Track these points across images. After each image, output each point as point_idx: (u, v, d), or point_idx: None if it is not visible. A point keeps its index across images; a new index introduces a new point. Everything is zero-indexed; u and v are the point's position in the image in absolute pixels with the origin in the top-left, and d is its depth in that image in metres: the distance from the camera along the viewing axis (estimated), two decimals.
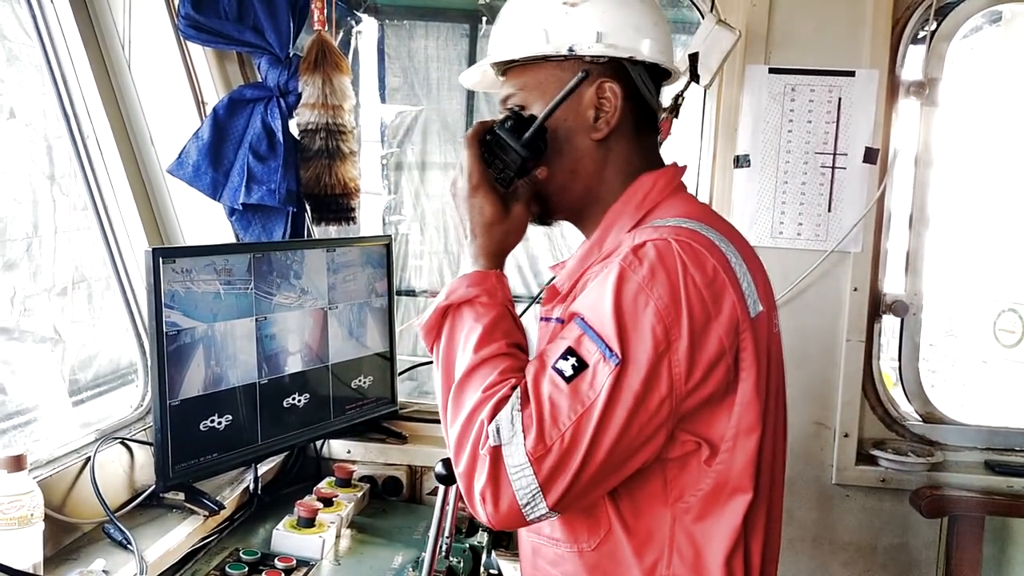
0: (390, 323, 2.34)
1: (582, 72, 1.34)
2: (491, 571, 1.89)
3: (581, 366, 1.19)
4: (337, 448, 2.28)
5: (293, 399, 2.07)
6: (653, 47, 1.39)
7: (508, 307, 1.31)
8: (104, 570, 1.54)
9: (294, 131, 2.25)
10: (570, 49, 1.37)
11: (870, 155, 2.30)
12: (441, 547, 1.65)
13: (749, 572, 1.30)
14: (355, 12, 5.26)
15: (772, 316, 1.38)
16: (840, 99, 2.29)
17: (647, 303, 1.19)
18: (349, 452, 2.28)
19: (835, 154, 2.31)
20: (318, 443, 2.26)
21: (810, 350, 2.33)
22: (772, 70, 2.31)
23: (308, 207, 2.30)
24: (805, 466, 2.38)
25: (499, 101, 1.46)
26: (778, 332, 1.41)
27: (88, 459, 1.76)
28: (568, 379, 1.19)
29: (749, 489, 1.27)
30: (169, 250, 1.90)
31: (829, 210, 2.32)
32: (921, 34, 2.36)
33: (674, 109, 2.06)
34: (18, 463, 1.43)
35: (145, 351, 2.12)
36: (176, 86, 2.22)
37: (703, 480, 1.27)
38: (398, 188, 6.20)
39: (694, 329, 1.19)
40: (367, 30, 5.56)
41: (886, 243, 2.40)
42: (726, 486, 1.27)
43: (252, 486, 2.02)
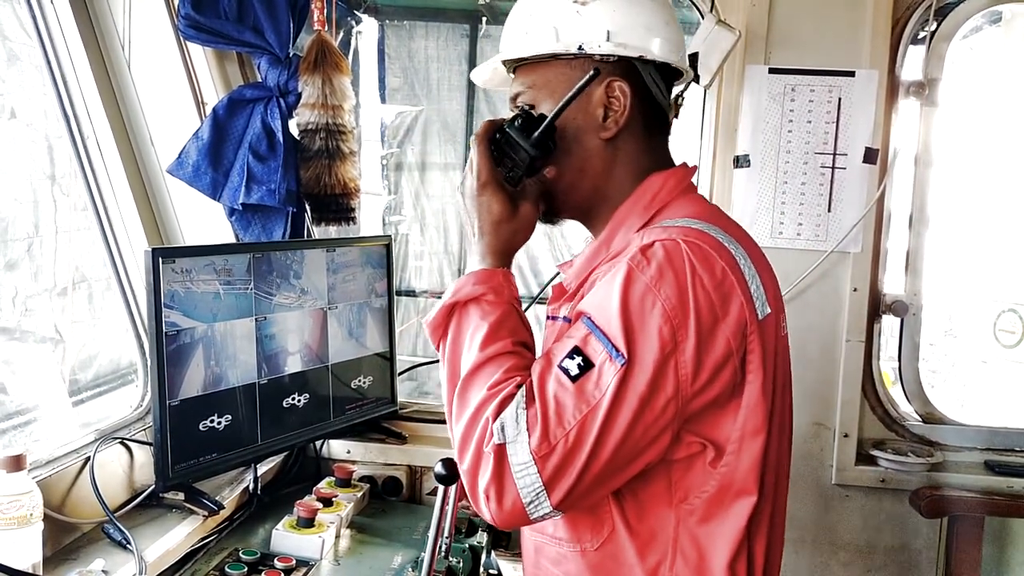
0: (390, 323, 2.34)
1: (592, 71, 1.33)
2: (491, 571, 1.89)
3: (587, 365, 1.19)
4: (337, 448, 2.28)
5: (293, 399, 2.07)
6: (664, 46, 1.39)
7: (515, 305, 1.31)
8: (103, 570, 1.53)
9: (294, 131, 2.26)
10: (580, 48, 1.36)
11: (870, 155, 2.30)
12: (441, 547, 1.64)
13: (752, 575, 1.30)
14: (355, 12, 5.26)
15: (780, 319, 1.37)
16: (840, 99, 2.29)
17: (654, 303, 1.19)
18: (349, 452, 2.28)
19: (835, 154, 2.31)
20: (318, 443, 2.26)
21: (810, 350, 2.33)
22: (772, 70, 2.31)
23: (308, 207, 2.30)
24: (805, 466, 2.38)
25: (508, 99, 1.46)
26: (786, 335, 1.40)
27: (88, 459, 1.76)
28: (574, 378, 1.19)
29: (754, 491, 1.26)
30: (169, 250, 1.90)
31: (829, 210, 2.32)
32: (921, 34, 2.36)
33: (675, 109, 2.05)
34: (17, 463, 1.43)
35: (145, 351, 2.12)
36: (176, 86, 2.22)
37: (708, 482, 1.26)
38: (398, 188, 6.20)
39: (701, 330, 1.19)
40: (367, 30, 5.57)
41: (886, 243, 2.40)
42: (731, 488, 1.26)
43: (252, 486, 2.02)
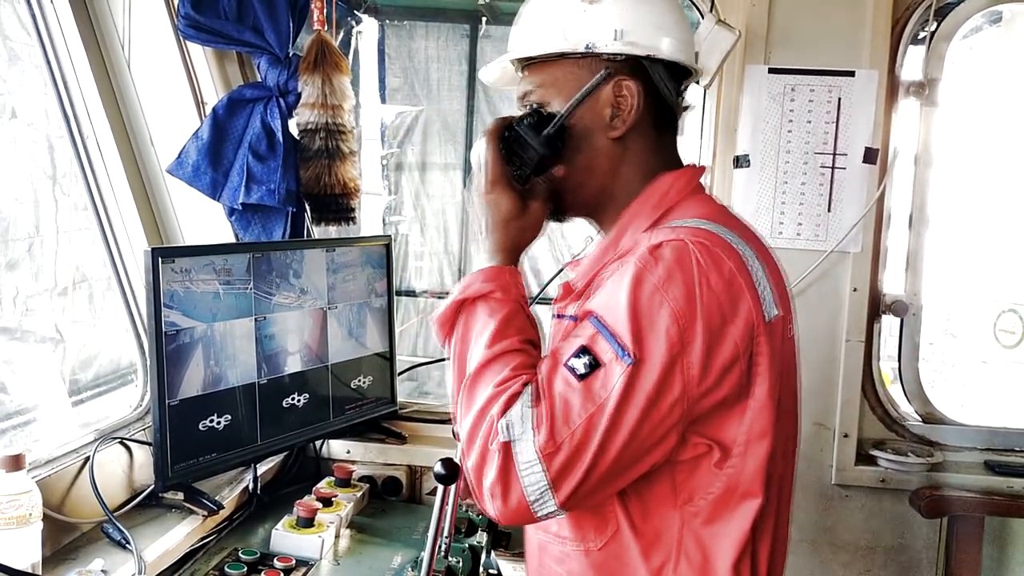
0: (390, 323, 2.34)
1: (604, 71, 1.33)
2: (490, 571, 1.89)
3: (594, 365, 1.19)
4: (336, 448, 2.28)
5: (292, 399, 2.07)
6: (673, 45, 1.38)
7: (522, 303, 1.31)
8: (103, 570, 1.53)
9: (294, 131, 2.26)
10: (587, 47, 1.36)
11: (870, 155, 2.30)
12: (440, 547, 1.64)
13: None
14: (355, 12, 5.26)
15: (788, 321, 1.36)
16: (840, 99, 2.29)
17: (662, 304, 1.18)
18: (348, 452, 2.28)
19: (835, 154, 2.31)
20: (317, 443, 2.26)
21: (809, 350, 2.30)
22: (772, 70, 2.30)
23: (308, 207, 2.30)
24: (805, 466, 2.37)
25: (517, 98, 1.45)
26: (792, 337, 1.39)
27: (87, 459, 1.76)
28: (581, 377, 1.19)
29: (759, 494, 1.26)
30: (168, 250, 1.90)
31: (829, 210, 2.32)
32: (921, 34, 2.36)
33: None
34: (17, 463, 1.43)
35: (144, 351, 2.12)
36: (176, 86, 2.22)
37: (713, 484, 1.26)
38: (398, 188, 6.20)
39: (709, 332, 1.19)
40: (367, 30, 5.57)
41: (886, 243, 2.40)
42: (736, 490, 1.26)
43: (251, 486, 2.02)
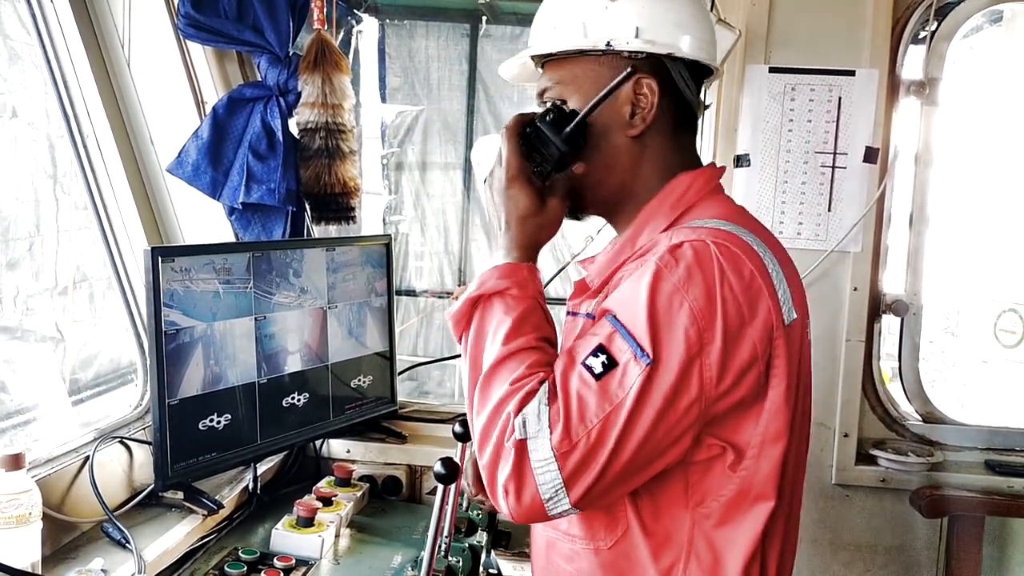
0: (390, 323, 2.34)
1: (628, 69, 1.32)
2: (490, 570, 1.89)
3: (611, 364, 1.18)
4: (336, 447, 2.28)
5: (292, 398, 2.06)
6: (693, 44, 1.37)
7: (539, 300, 1.30)
8: (103, 569, 1.53)
9: (294, 130, 2.26)
10: (608, 44, 1.35)
11: (870, 155, 2.29)
12: (440, 546, 1.65)
13: None
14: (355, 11, 5.26)
15: (805, 324, 1.35)
16: (840, 98, 2.29)
17: (682, 304, 1.17)
18: (348, 452, 2.28)
19: (835, 153, 2.30)
20: (317, 442, 2.26)
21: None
22: (772, 69, 2.30)
23: (308, 206, 2.30)
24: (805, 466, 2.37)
25: (536, 94, 1.45)
26: (809, 341, 1.39)
27: (87, 458, 1.76)
28: (597, 376, 1.18)
29: (772, 497, 1.25)
30: (168, 249, 1.90)
31: (829, 209, 2.31)
32: (921, 34, 2.36)
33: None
34: (16, 462, 1.43)
35: (144, 350, 2.12)
36: (176, 85, 2.22)
37: (726, 485, 1.26)
38: (398, 188, 6.21)
39: (728, 333, 1.18)
40: (368, 29, 5.57)
41: (886, 243, 2.40)
42: (749, 493, 1.25)
43: (251, 485, 2.02)
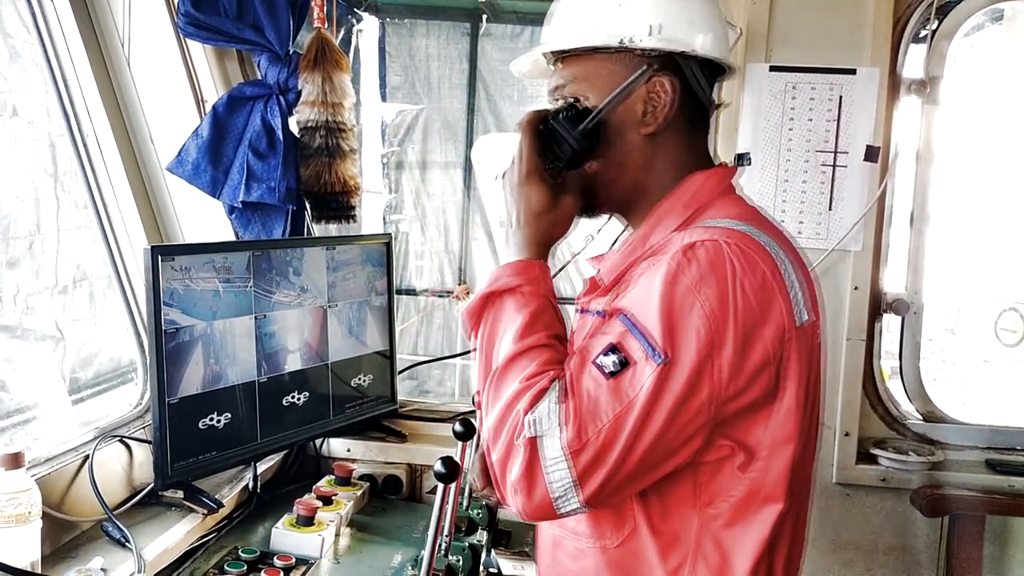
0: (390, 321, 2.34)
1: (645, 67, 1.32)
2: (490, 569, 1.88)
3: (623, 363, 1.18)
4: (337, 446, 2.28)
5: (292, 397, 2.06)
6: (708, 42, 1.37)
7: (550, 298, 1.30)
8: (102, 568, 1.53)
9: (294, 129, 2.25)
10: (622, 41, 1.34)
11: (871, 153, 2.29)
12: (440, 545, 1.64)
13: None
14: (356, 10, 5.26)
15: (817, 326, 1.35)
16: (841, 97, 2.28)
17: (695, 304, 1.17)
18: (349, 450, 2.28)
19: (836, 152, 2.30)
20: (317, 441, 2.26)
21: None
22: (773, 68, 2.30)
23: (308, 205, 2.30)
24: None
25: (548, 91, 1.44)
26: (820, 343, 1.38)
27: (87, 457, 1.75)
28: (610, 375, 1.18)
29: (781, 499, 1.25)
30: (168, 248, 1.90)
31: (830, 208, 2.31)
32: (922, 32, 2.36)
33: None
34: (16, 461, 1.43)
35: (144, 349, 2.12)
36: (176, 84, 2.22)
37: (736, 486, 1.25)
38: (399, 187, 6.21)
39: (741, 334, 1.18)
40: (368, 28, 5.57)
41: (887, 242, 2.40)
42: (759, 494, 1.25)
43: (251, 484, 2.02)
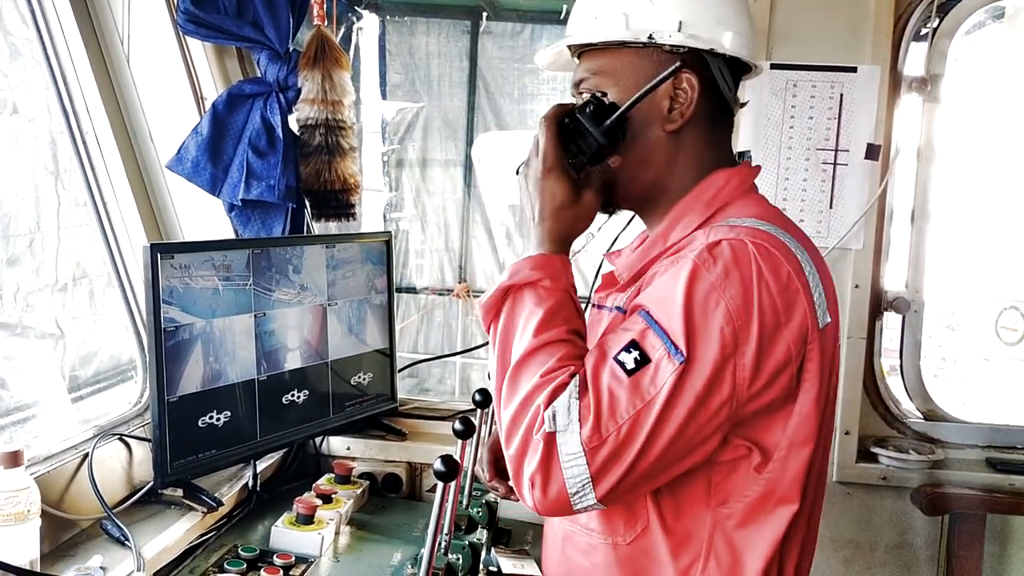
0: (390, 320, 2.34)
1: (678, 63, 1.30)
2: (490, 568, 1.88)
3: (644, 360, 1.17)
4: (336, 445, 2.28)
5: (292, 395, 2.06)
6: (735, 40, 1.36)
7: (570, 293, 1.29)
8: (102, 566, 1.53)
9: (294, 127, 2.25)
10: (650, 37, 1.33)
11: (872, 151, 2.29)
12: (440, 544, 1.64)
13: None
14: (356, 8, 5.25)
15: (837, 328, 1.34)
16: (842, 95, 2.28)
17: (718, 303, 1.16)
18: (348, 449, 2.27)
19: (836, 150, 2.30)
20: (317, 440, 2.26)
21: None
22: (773, 66, 2.29)
23: (308, 203, 2.30)
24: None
25: (571, 84, 1.43)
26: (838, 346, 1.37)
27: (86, 455, 1.75)
28: (629, 372, 1.17)
29: (796, 500, 1.25)
30: (167, 246, 1.89)
31: (830, 207, 2.31)
32: (923, 30, 2.35)
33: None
34: (15, 459, 1.43)
35: (144, 347, 2.11)
36: (175, 81, 2.22)
37: (751, 487, 1.25)
38: (399, 185, 6.21)
39: (763, 334, 1.17)
40: (368, 26, 5.57)
41: (887, 240, 2.39)
42: (773, 495, 1.25)
43: (251, 483, 2.02)
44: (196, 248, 1.85)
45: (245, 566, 1.69)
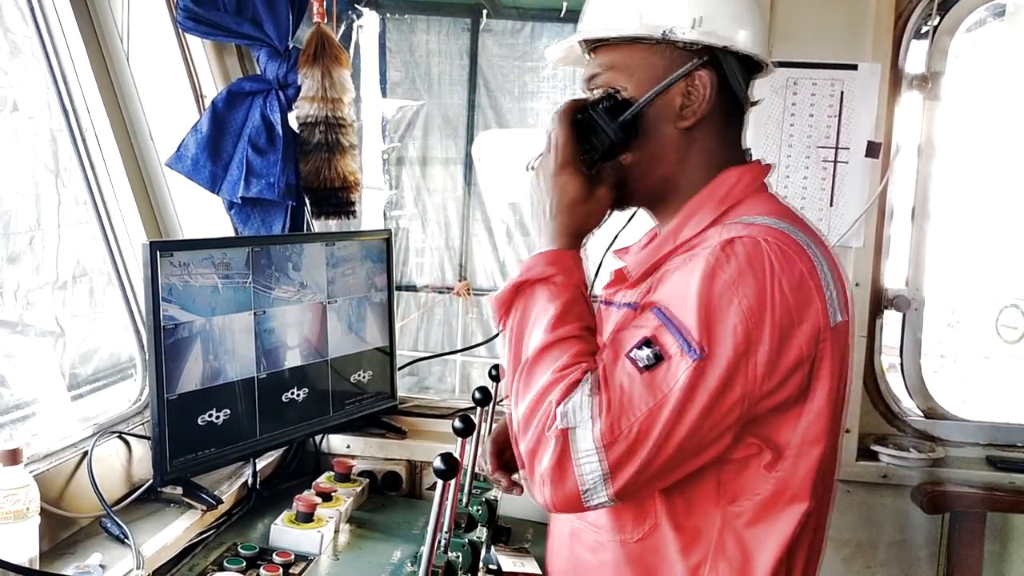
0: (390, 318, 2.34)
1: (693, 60, 1.30)
2: (490, 566, 1.88)
3: (658, 358, 1.17)
4: (336, 443, 2.28)
5: (292, 393, 2.06)
6: (749, 38, 1.36)
7: (583, 290, 1.29)
8: (101, 564, 1.53)
9: (293, 124, 2.25)
10: (664, 33, 1.32)
11: (872, 149, 2.28)
12: (440, 542, 1.64)
13: None
14: (356, 6, 5.25)
15: (849, 327, 1.34)
16: (842, 93, 2.28)
17: (732, 301, 1.16)
18: (348, 447, 2.27)
19: (837, 148, 2.29)
20: (317, 438, 2.26)
21: None
22: (774, 63, 2.28)
23: (307, 201, 2.30)
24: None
25: (583, 79, 1.42)
26: (850, 344, 1.36)
27: (86, 453, 1.75)
28: (644, 369, 1.16)
29: (807, 499, 1.25)
30: (166, 243, 1.89)
31: (831, 204, 2.30)
32: (924, 28, 2.35)
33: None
34: (14, 457, 1.43)
35: (143, 345, 2.11)
36: (175, 79, 2.22)
37: (761, 485, 1.25)
38: (399, 183, 6.21)
39: (777, 332, 1.17)
40: (368, 24, 5.56)
41: (888, 237, 2.39)
42: (784, 493, 1.25)
43: (250, 480, 2.02)
44: (195, 246, 1.85)
45: (245, 564, 1.69)
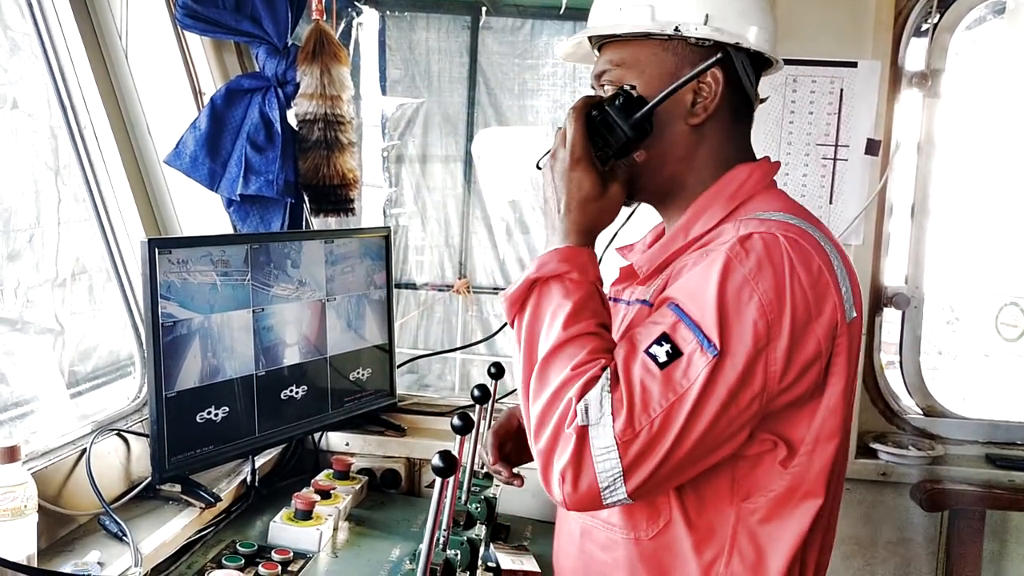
0: (389, 315, 2.33)
1: (717, 56, 1.29)
2: (488, 564, 1.88)
3: (676, 353, 1.16)
4: (335, 440, 2.28)
5: (291, 391, 2.06)
6: (760, 35, 1.35)
7: (597, 286, 1.28)
8: (99, 562, 1.53)
9: (292, 122, 2.24)
10: (677, 29, 1.32)
11: (872, 147, 2.28)
12: (438, 540, 1.64)
13: None
14: (356, 3, 5.24)
15: (861, 324, 1.34)
16: (842, 90, 2.27)
17: (751, 296, 1.16)
18: (347, 444, 2.27)
19: (836, 145, 2.29)
20: (316, 435, 2.26)
21: None
22: None
23: (306, 198, 2.29)
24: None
25: (593, 75, 1.42)
26: (861, 341, 1.38)
27: (84, 451, 1.75)
28: (661, 365, 1.16)
29: (821, 495, 1.25)
30: (165, 240, 1.89)
31: (830, 202, 2.30)
32: (924, 26, 2.34)
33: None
34: (12, 454, 1.42)
35: (142, 342, 2.11)
36: (174, 76, 2.21)
37: (776, 481, 1.25)
38: (399, 181, 6.21)
39: (795, 328, 1.17)
40: (368, 21, 5.56)
41: (887, 235, 2.39)
42: (799, 489, 1.25)
43: (249, 478, 2.02)
44: (194, 243, 1.85)
45: (243, 562, 1.69)
